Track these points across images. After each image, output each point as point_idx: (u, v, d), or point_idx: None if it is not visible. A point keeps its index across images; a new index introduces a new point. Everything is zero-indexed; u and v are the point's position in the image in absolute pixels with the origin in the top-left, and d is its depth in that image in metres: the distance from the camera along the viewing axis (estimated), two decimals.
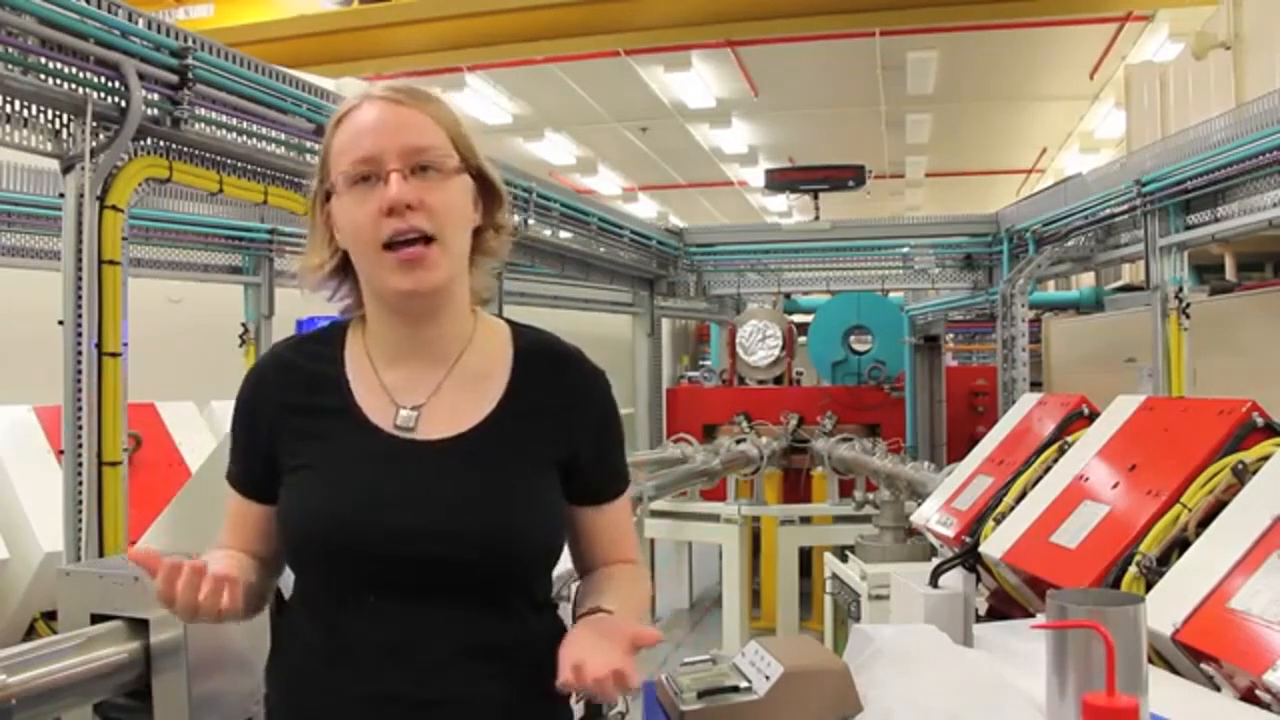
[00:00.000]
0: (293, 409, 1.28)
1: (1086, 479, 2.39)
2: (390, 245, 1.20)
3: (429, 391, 1.27)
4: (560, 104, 11.30)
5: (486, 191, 1.30)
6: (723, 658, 1.85)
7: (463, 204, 1.25)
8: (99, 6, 2.55)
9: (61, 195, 2.55)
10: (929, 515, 3.08)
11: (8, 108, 2.43)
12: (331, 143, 1.26)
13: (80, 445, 2.50)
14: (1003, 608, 2.69)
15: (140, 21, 2.70)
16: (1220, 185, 4.12)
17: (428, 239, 1.20)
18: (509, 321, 1.37)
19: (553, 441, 1.29)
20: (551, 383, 1.31)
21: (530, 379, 1.30)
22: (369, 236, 1.21)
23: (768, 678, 1.65)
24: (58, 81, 2.47)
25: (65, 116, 2.54)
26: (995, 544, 2.50)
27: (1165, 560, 1.96)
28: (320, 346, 1.32)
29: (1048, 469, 2.65)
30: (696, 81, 10.68)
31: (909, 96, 11.13)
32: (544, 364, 1.32)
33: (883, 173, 13.14)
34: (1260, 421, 2.08)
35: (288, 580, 1.36)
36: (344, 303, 1.34)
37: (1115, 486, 2.27)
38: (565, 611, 1.41)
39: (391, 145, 1.21)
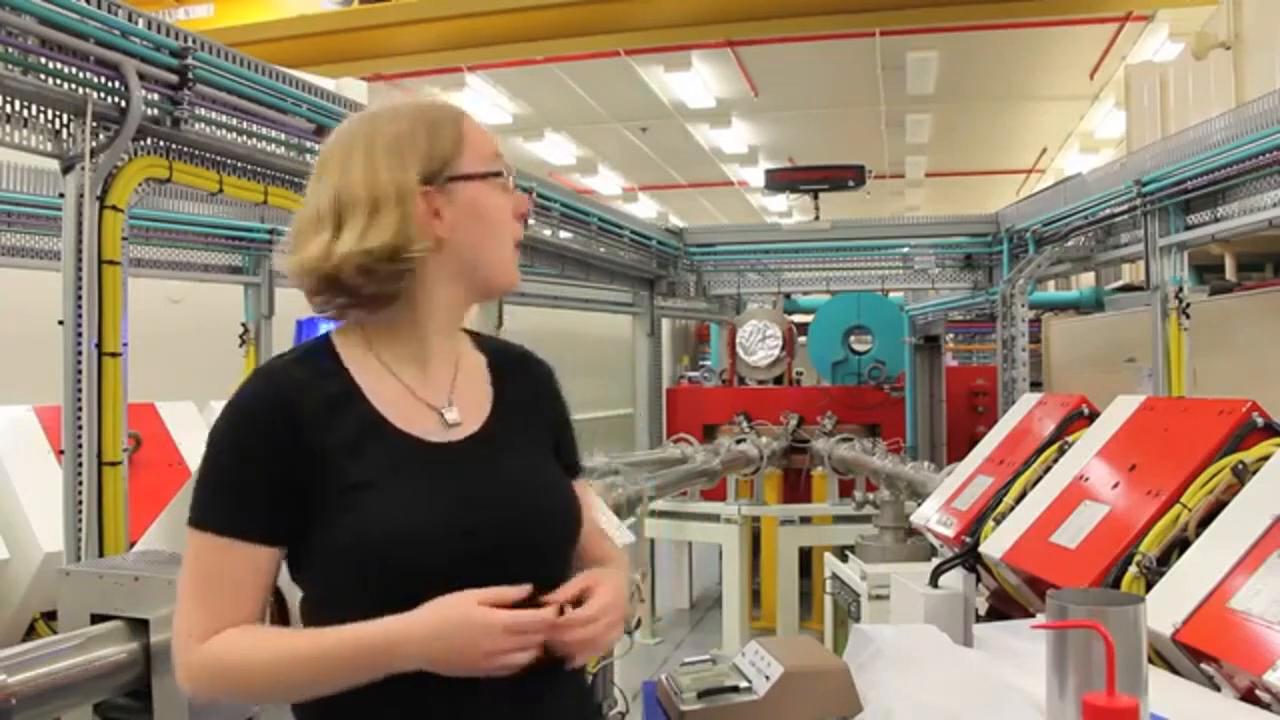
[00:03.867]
0: (324, 429, 1.17)
1: (1086, 479, 2.40)
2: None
3: (448, 391, 1.27)
4: (560, 104, 11.30)
5: None
6: (723, 658, 1.85)
7: None
8: (99, 6, 2.55)
9: (61, 195, 2.55)
10: (929, 515, 3.08)
11: (8, 108, 2.43)
12: (463, 131, 1.26)
13: (80, 445, 2.50)
14: (1003, 608, 2.69)
15: (140, 21, 2.70)
16: (1220, 185, 4.12)
17: None
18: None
19: (543, 429, 1.35)
20: (522, 378, 1.36)
21: (506, 375, 1.34)
22: (512, 230, 1.29)
23: (768, 678, 1.65)
24: (58, 81, 2.47)
25: (65, 116, 2.54)
26: (995, 544, 2.51)
27: (1165, 560, 1.96)
28: (317, 364, 1.22)
29: (1048, 469, 2.65)
30: (696, 81, 10.68)
31: (909, 96, 11.13)
32: (511, 361, 1.37)
33: (883, 173, 13.14)
34: (1260, 421, 2.09)
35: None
36: (337, 304, 1.24)
37: (1115, 486, 2.27)
38: None
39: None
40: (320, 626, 1.12)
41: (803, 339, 9.27)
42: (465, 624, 1.09)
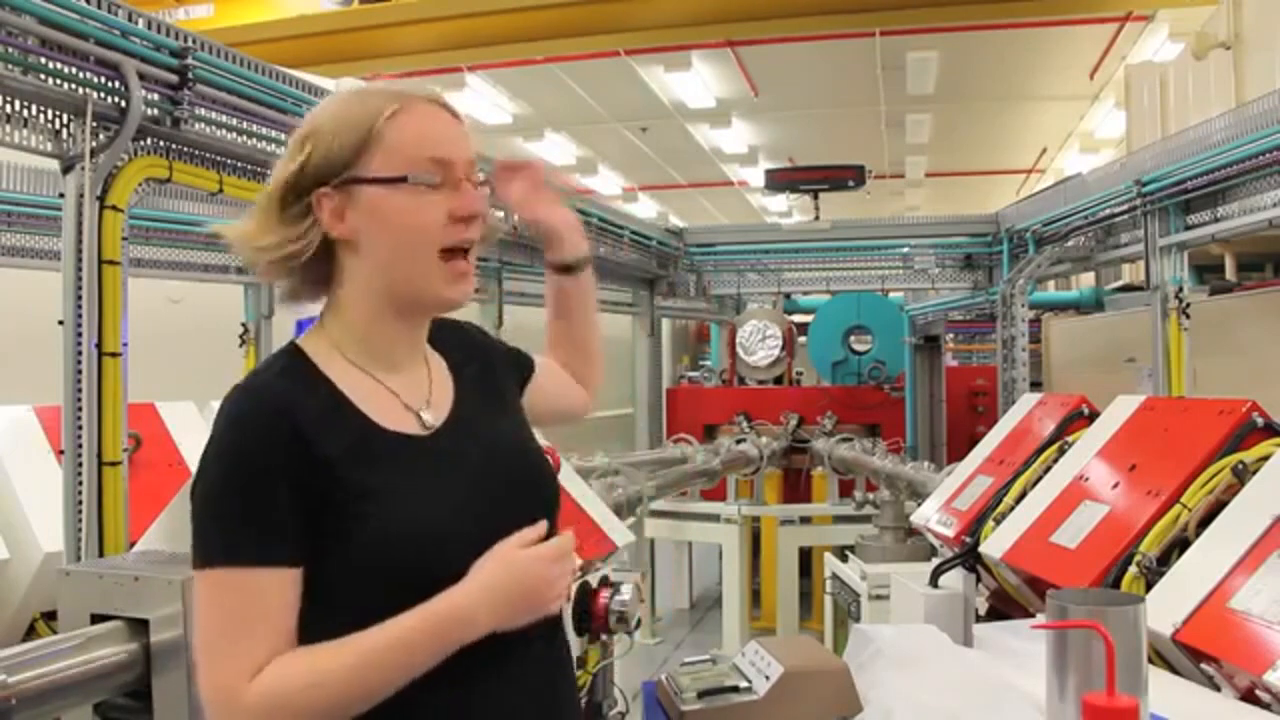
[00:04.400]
0: (325, 440, 1.13)
1: (1086, 479, 2.40)
2: (448, 252, 1.20)
3: (424, 392, 1.26)
4: (560, 104, 11.30)
5: None
6: (723, 658, 1.85)
7: None
8: (99, 6, 2.55)
9: (61, 195, 2.54)
10: (929, 515, 3.08)
11: (8, 108, 2.43)
12: (384, 133, 1.18)
13: (80, 445, 2.49)
14: (1003, 608, 2.69)
15: (140, 21, 2.70)
16: (1220, 185, 4.12)
17: (467, 251, 1.23)
18: None
19: (502, 387, 1.38)
20: (465, 344, 1.37)
21: (453, 349, 1.34)
22: (431, 239, 1.19)
23: (768, 678, 1.65)
24: (58, 81, 2.47)
25: (65, 116, 2.54)
26: (995, 544, 2.51)
27: (1165, 560, 1.96)
28: (298, 374, 1.19)
29: (1048, 469, 2.65)
30: (696, 81, 10.68)
31: (909, 96, 11.13)
32: (446, 334, 1.36)
33: (883, 173, 13.14)
34: (1260, 421, 2.09)
35: None
36: (296, 299, 1.25)
37: (1115, 486, 2.27)
38: None
39: (462, 155, 1.22)
40: (331, 636, 1.09)
41: (803, 339, 9.27)
42: (518, 567, 1.13)
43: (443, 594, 1.11)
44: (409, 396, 1.23)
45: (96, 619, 1.84)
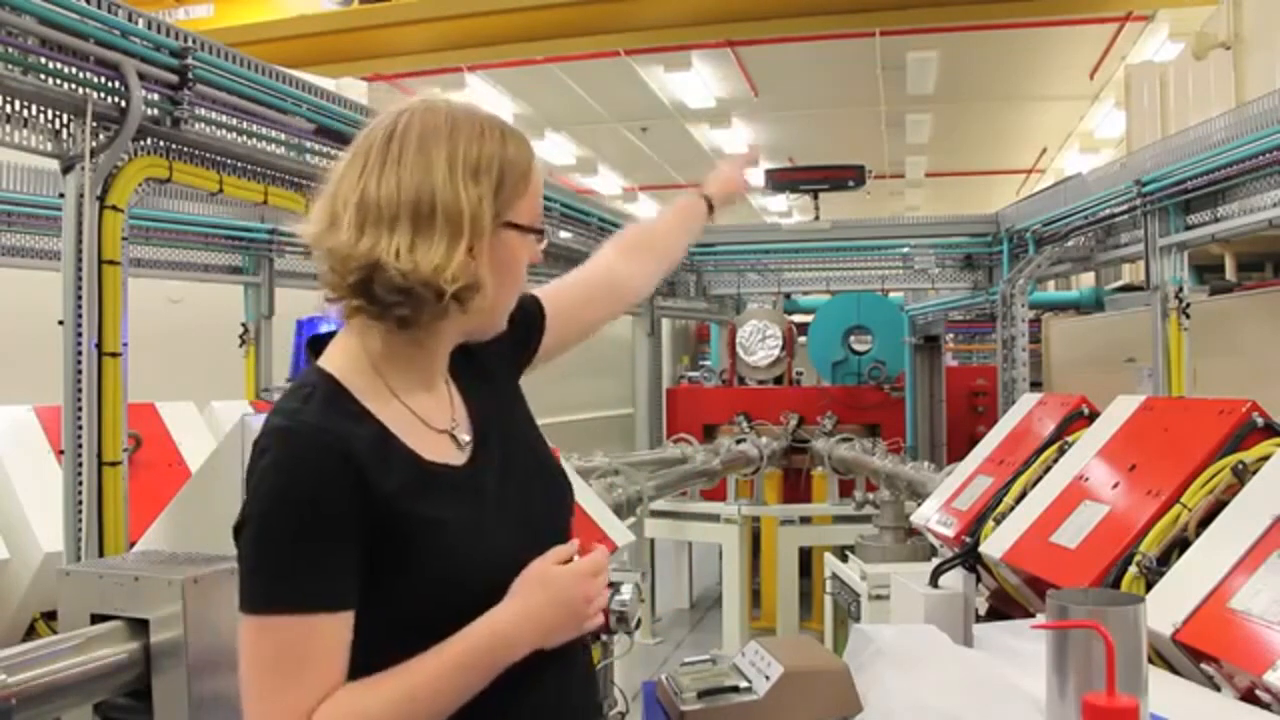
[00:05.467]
0: (380, 476, 1.10)
1: (1086, 479, 2.40)
2: None
3: (449, 412, 1.24)
4: (560, 104, 11.30)
5: None
6: (723, 658, 1.85)
7: None
8: (99, 6, 2.55)
9: (61, 195, 2.54)
10: (929, 515, 3.08)
11: (8, 108, 2.43)
12: (531, 178, 1.20)
13: (80, 445, 2.49)
14: (1003, 608, 2.69)
15: (140, 21, 2.70)
16: (1220, 185, 4.12)
17: None
18: None
19: (512, 390, 1.36)
20: (469, 359, 1.30)
21: (460, 367, 1.29)
22: (521, 282, 1.25)
23: (768, 678, 1.65)
24: (58, 81, 2.47)
25: (65, 116, 2.54)
26: (995, 544, 2.51)
27: (1165, 560, 1.96)
28: (341, 407, 1.14)
29: (1048, 469, 2.65)
30: (696, 81, 10.68)
31: (909, 96, 11.14)
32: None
33: (883, 173, 13.15)
34: (1260, 421, 2.09)
35: None
36: (354, 305, 1.15)
37: (1115, 486, 2.27)
38: None
39: None
40: (378, 668, 1.08)
41: (803, 339, 9.27)
42: (556, 586, 1.14)
43: (482, 618, 1.11)
44: (439, 418, 1.21)
45: (96, 619, 1.85)
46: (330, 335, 1.22)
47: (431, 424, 1.20)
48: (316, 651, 1.06)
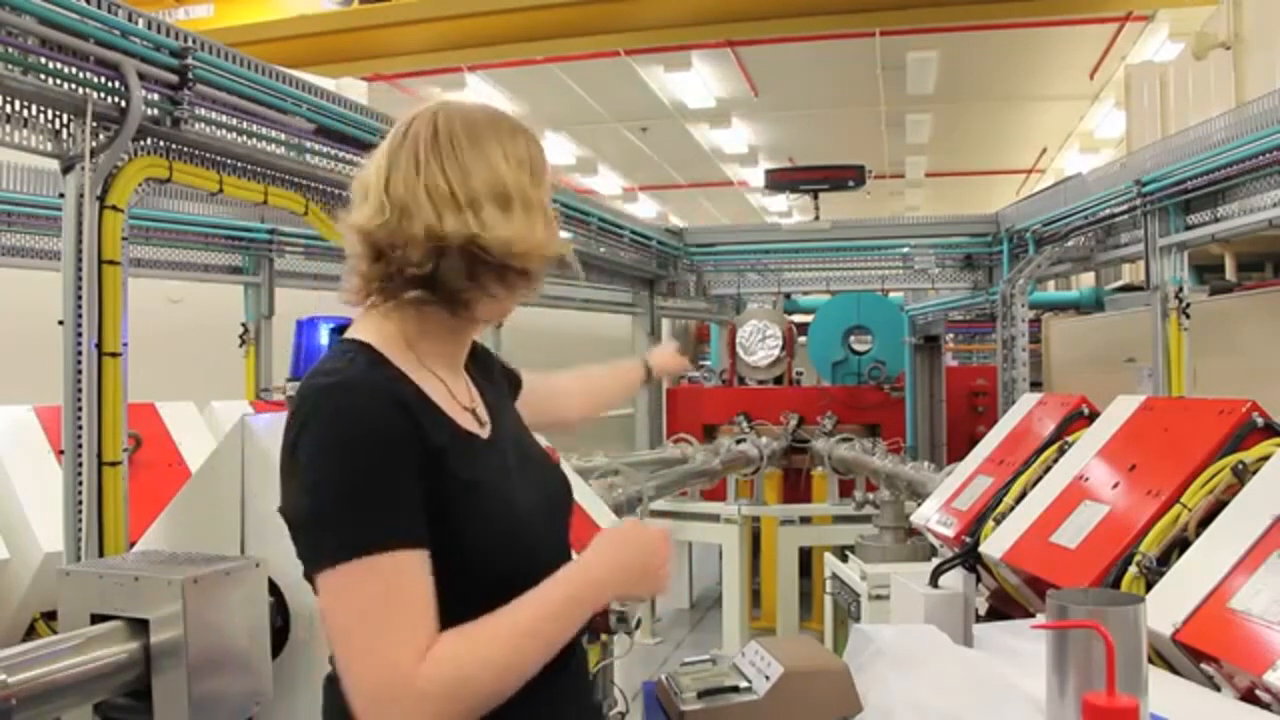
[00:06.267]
0: (430, 432, 1.15)
1: (1086, 479, 2.40)
2: None
3: (467, 389, 1.31)
4: (560, 104, 11.30)
5: None
6: (723, 658, 1.85)
7: None
8: (99, 6, 2.55)
9: (61, 195, 2.54)
10: (929, 515, 3.08)
11: (8, 108, 2.43)
12: (546, 171, 1.29)
13: (80, 445, 2.49)
14: (1003, 608, 2.69)
15: (140, 21, 2.70)
16: (1220, 185, 4.12)
17: None
18: None
19: (505, 386, 1.47)
20: (474, 354, 1.40)
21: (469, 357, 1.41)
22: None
23: (768, 678, 1.65)
24: (58, 81, 2.47)
25: (65, 116, 2.54)
26: (995, 544, 2.51)
27: (1165, 560, 1.96)
28: (386, 371, 1.18)
29: (1048, 469, 2.65)
30: (696, 81, 10.68)
31: (909, 96, 11.14)
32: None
33: (883, 173, 13.16)
34: (1260, 421, 2.09)
35: None
36: (382, 290, 1.21)
37: (1115, 486, 2.27)
38: None
39: None
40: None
41: (803, 339, 9.27)
42: (642, 544, 1.23)
43: (572, 565, 1.20)
44: (463, 396, 1.29)
45: (96, 619, 1.84)
46: (346, 325, 1.27)
47: (458, 398, 1.26)
48: (412, 590, 1.06)
